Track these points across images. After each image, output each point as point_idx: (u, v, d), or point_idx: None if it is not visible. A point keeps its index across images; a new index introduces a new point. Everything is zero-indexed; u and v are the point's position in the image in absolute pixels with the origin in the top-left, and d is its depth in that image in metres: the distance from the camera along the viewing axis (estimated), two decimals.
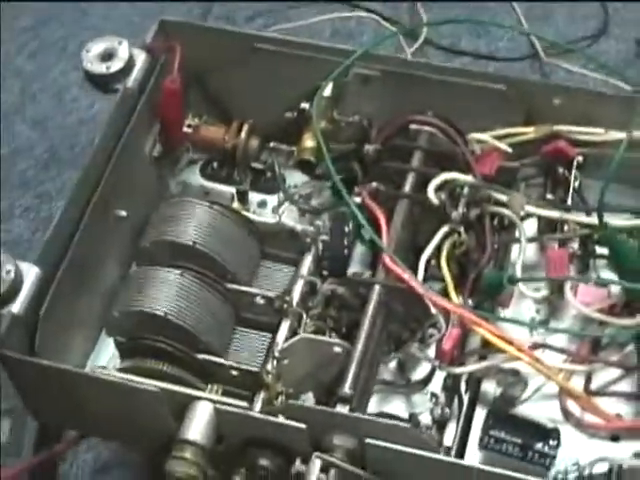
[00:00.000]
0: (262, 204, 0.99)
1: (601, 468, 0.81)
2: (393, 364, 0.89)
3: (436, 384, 0.88)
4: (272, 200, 0.99)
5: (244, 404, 0.87)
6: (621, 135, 0.90)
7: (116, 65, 0.95)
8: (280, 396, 0.86)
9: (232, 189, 0.99)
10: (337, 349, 0.85)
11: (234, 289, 0.93)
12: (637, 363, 0.84)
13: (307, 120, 0.95)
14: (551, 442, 0.81)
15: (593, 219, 0.88)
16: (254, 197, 0.99)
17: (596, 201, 0.85)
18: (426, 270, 0.88)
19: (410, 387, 0.88)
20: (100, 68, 0.95)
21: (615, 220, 0.89)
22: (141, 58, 0.96)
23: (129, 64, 0.95)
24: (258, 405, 0.87)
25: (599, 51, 1.38)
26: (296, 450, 0.81)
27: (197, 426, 0.82)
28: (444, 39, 1.40)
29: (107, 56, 0.95)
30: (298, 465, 0.80)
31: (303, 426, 0.79)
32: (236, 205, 0.98)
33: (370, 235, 0.88)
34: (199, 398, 0.83)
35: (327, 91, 0.94)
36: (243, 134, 0.99)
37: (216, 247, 0.93)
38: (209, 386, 0.88)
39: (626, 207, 0.92)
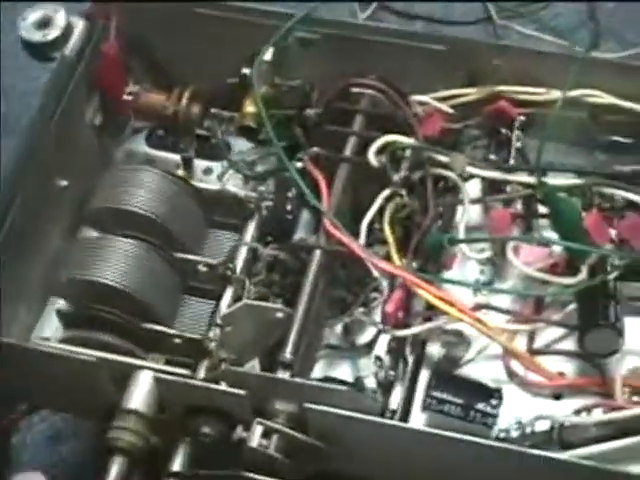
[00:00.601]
0: (207, 171, 0.98)
1: (543, 426, 0.81)
2: (339, 328, 0.89)
3: (381, 347, 0.87)
4: (217, 167, 0.98)
5: (187, 372, 0.86)
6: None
7: (53, 33, 0.93)
8: (223, 363, 0.86)
9: (177, 157, 0.98)
10: (279, 314, 0.84)
11: (180, 257, 0.92)
12: (577, 321, 0.84)
13: (248, 85, 0.95)
14: (493, 401, 0.81)
15: (534, 179, 0.88)
16: (200, 164, 0.98)
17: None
18: (370, 234, 0.88)
19: (356, 351, 0.87)
20: (37, 36, 0.94)
21: (558, 180, 0.89)
22: (79, 25, 0.95)
23: (67, 31, 0.94)
24: (201, 373, 0.86)
25: (556, 13, 1.37)
26: (238, 416, 0.81)
27: (138, 395, 0.81)
28: (398, 4, 1.39)
29: (44, 24, 0.94)
30: (240, 431, 0.80)
31: (242, 392, 0.79)
32: (181, 172, 0.97)
33: (311, 200, 0.87)
34: (140, 367, 0.83)
35: (267, 55, 0.93)
36: (184, 100, 0.98)
37: (163, 215, 0.92)
38: (151, 355, 0.88)
39: (569, 166, 0.91)
